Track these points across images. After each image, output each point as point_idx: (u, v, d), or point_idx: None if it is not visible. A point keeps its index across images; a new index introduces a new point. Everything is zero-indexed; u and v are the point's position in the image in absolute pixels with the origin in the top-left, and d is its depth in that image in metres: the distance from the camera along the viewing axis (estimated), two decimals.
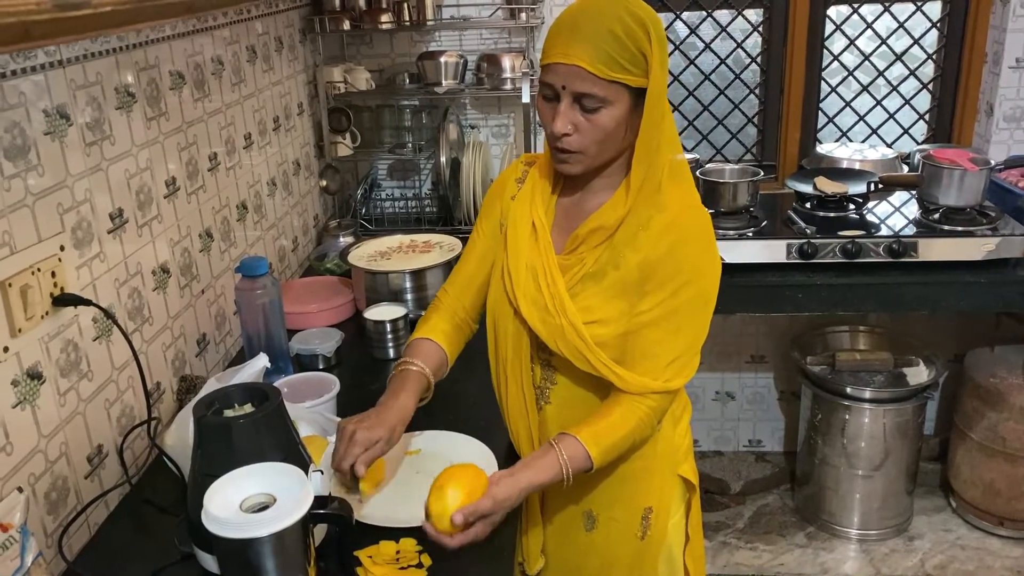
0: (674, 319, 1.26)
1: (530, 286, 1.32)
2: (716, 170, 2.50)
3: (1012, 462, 2.59)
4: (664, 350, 1.26)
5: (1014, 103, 2.69)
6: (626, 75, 1.18)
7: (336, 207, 2.78)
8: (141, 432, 1.47)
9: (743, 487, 3.07)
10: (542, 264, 1.31)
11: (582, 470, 1.24)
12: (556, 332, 1.29)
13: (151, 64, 1.58)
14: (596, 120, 1.20)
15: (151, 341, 1.57)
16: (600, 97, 1.18)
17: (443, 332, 1.44)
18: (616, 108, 1.20)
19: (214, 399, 1.19)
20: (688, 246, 1.26)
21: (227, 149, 1.94)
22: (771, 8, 2.82)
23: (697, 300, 1.27)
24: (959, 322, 2.93)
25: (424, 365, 1.36)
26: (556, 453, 1.22)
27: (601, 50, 1.16)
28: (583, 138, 1.22)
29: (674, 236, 1.25)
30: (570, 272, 1.31)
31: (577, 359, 1.29)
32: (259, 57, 2.15)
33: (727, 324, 3.02)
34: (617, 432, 1.26)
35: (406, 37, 2.71)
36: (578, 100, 1.20)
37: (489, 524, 1.18)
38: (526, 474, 1.22)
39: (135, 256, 1.51)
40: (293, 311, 1.99)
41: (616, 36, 1.16)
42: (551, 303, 1.29)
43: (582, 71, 1.17)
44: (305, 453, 1.23)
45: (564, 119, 1.21)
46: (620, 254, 1.27)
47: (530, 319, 1.31)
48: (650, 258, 1.25)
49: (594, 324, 1.28)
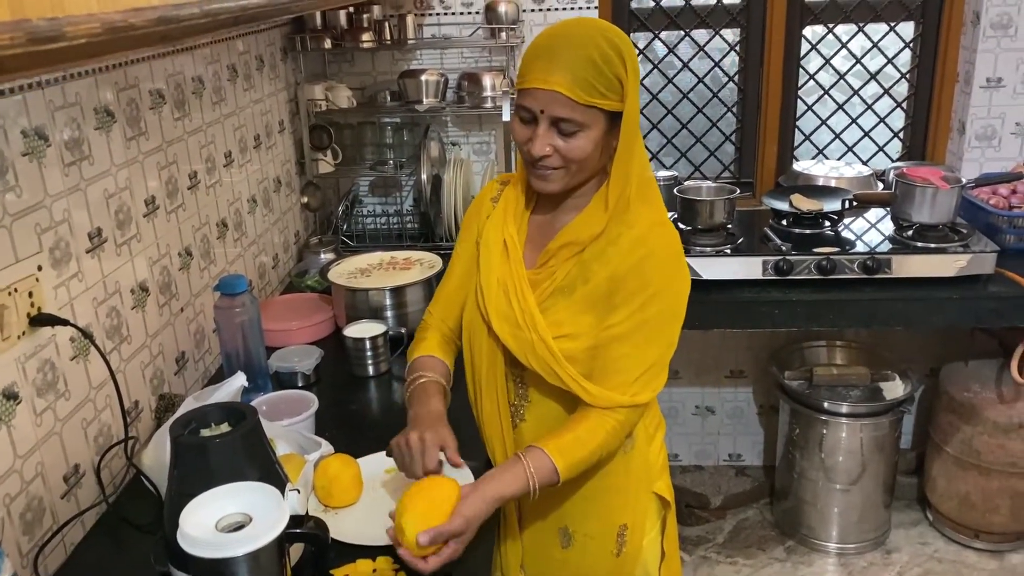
0: (642, 332, 1.28)
1: (501, 301, 1.34)
2: (693, 187, 2.53)
3: (986, 475, 2.62)
4: (632, 364, 1.28)
5: (985, 122, 2.74)
6: (603, 100, 1.21)
7: (317, 224, 2.79)
8: (118, 451, 1.47)
9: (723, 501, 3.09)
10: (512, 280, 1.33)
11: (548, 483, 1.25)
12: (527, 346, 1.31)
13: (131, 84, 1.59)
14: (573, 143, 1.24)
15: (129, 360, 1.57)
16: (578, 121, 1.22)
17: (438, 347, 1.47)
18: (593, 131, 1.23)
19: (191, 418, 1.20)
20: (656, 261, 1.28)
21: (207, 167, 1.94)
22: (748, 28, 2.87)
23: (665, 313, 1.29)
24: (934, 337, 2.97)
25: (437, 376, 1.41)
26: (523, 465, 1.24)
27: (579, 76, 1.19)
28: (562, 160, 1.26)
29: (642, 251, 1.27)
30: (540, 287, 1.33)
31: (547, 373, 1.30)
32: (240, 76, 2.16)
33: (706, 339, 3.04)
34: (585, 446, 1.27)
35: (387, 56, 2.73)
36: (556, 124, 1.23)
37: (462, 543, 1.19)
38: (492, 486, 1.23)
39: (114, 275, 1.52)
40: (273, 328, 2.00)
41: (594, 63, 1.19)
42: (521, 318, 1.31)
43: (561, 96, 1.20)
44: (282, 472, 1.23)
45: (543, 142, 1.24)
46: (589, 268, 1.30)
47: (501, 334, 1.33)
48: (619, 272, 1.27)
49: (564, 338, 1.30)
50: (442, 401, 1.37)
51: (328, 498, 1.39)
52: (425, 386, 1.38)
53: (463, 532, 1.18)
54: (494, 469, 1.28)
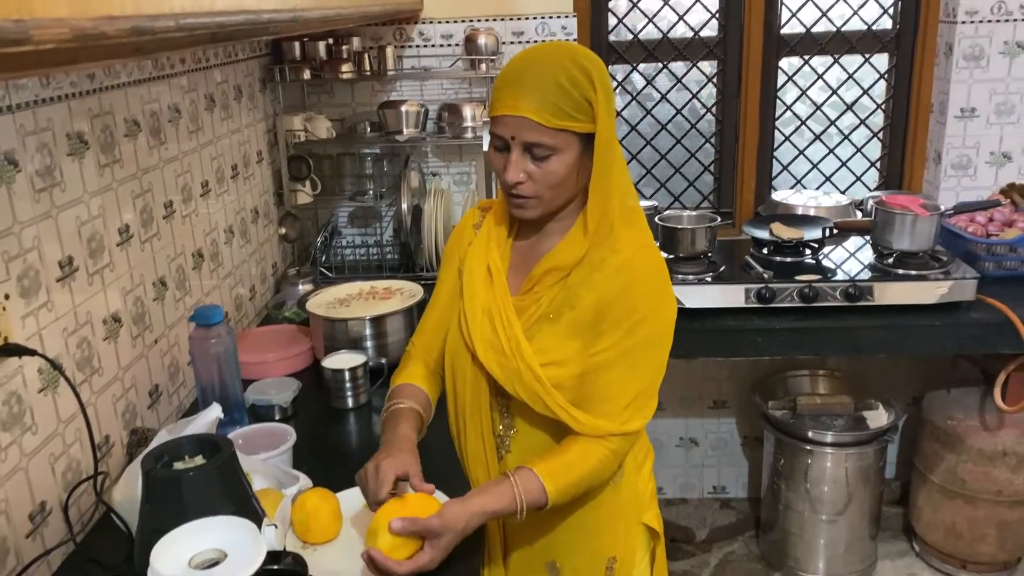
0: (630, 359, 1.26)
1: (486, 329, 1.31)
2: (674, 216, 2.53)
3: (972, 504, 2.61)
4: (621, 391, 1.26)
5: (960, 151, 2.77)
6: (573, 123, 1.20)
7: (295, 255, 2.75)
8: (88, 487, 1.42)
9: (708, 534, 3.05)
10: (498, 307, 1.31)
11: (536, 504, 1.22)
12: (513, 375, 1.28)
13: (105, 111, 1.56)
14: (547, 167, 1.22)
15: (100, 392, 1.52)
16: (549, 145, 1.20)
17: (422, 377, 1.43)
18: (566, 155, 1.22)
19: (163, 451, 1.16)
20: (642, 285, 1.26)
21: (183, 197, 1.91)
22: (724, 60, 2.89)
23: (652, 339, 1.27)
24: (916, 365, 2.97)
25: (414, 404, 1.36)
26: (511, 483, 1.20)
27: (547, 100, 1.18)
28: (536, 185, 1.24)
29: (628, 276, 1.25)
30: (525, 313, 1.31)
31: (535, 402, 1.27)
32: (218, 105, 2.14)
33: (689, 369, 3.03)
34: (575, 471, 1.24)
35: (367, 86, 2.72)
36: (528, 149, 1.22)
37: (440, 549, 1.15)
38: (478, 499, 1.19)
39: (85, 305, 1.48)
40: (250, 360, 1.95)
41: (560, 86, 1.18)
42: (507, 345, 1.28)
43: (529, 122, 1.19)
44: (259, 506, 1.19)
45: (516, 168, 1.23)
46: (575, 294, 1.27)
47: (487, 362, 1.30)
48: (605, 297, 1.25)
49: (551, 365, 1.27)
50: (413, 427, 1.33)
51: (306, 533, 1.34)
52: (398, 412, 1.35)
53: (440, 535, 1.14)
54: (482, 484, 1.25)
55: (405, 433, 1.30)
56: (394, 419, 1.34)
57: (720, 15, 2.85)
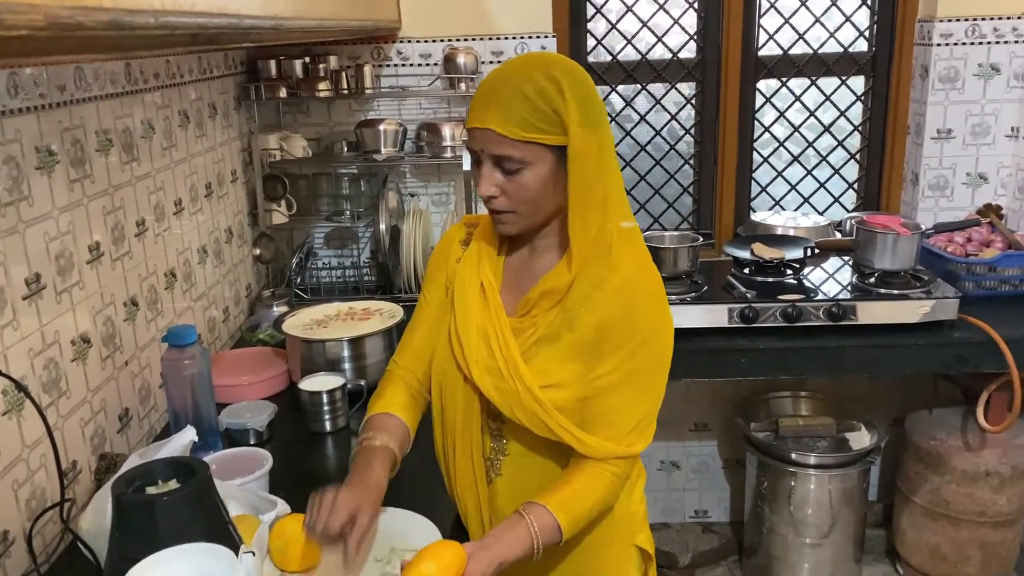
0: (634, 382, 1.23)
1: (481, 350, 1.26)
2: (656, 236, 2.51)
3: (956, 525, 2.59)
4: (625, 416, 1.23)
5: (937, 172, 2.78)
6: (541, 135, 1.16)
7: (270, 276, 2.70)
8: (53, 516, 1.35)
9: (691, 559, 3.00)
10: (494, 327, 1.26)
11: (552, 543, 1.18)
12: (511, 398, 1.23)
13: (76, 124, 1.51)
14: (519, 181, 1.19)
15: (68, 416, 1.46)
16: (517, 159, 1.17)
17: (401, 405, 1.36)
18: (538, 168, 1.18)
19: (135, 475, 1.10)
20: (643, 306, 1.23)
21: (156, 215, 1.86)
22: (703, 82, 2.90)
23: (655, 361, 1.25)
24: (897, 386, 2.97)
25: (388, 440, 1.28)
26: (527, 524, 1.15)
27: (512, 112, 1.15)
28: (510, 200, 1.21)
29: (628, 296, 1.22)
30: (523, 335, 1.26)
31: (535, 425, 1.23)
32: (192, 122, 2.09)
33: (670, 392, 2.92)
34: (585, 501, 1.20)
35: (344, 106, 2.68)
36: (499, 163, 1.19)
37: None
38: (499, 549, 1.13)
39: (52, 324, 1.42)
40: (223, 384, 1.89)
41: (526, 97, 1.15)
42: (504, 367, 1.24)
43: (495, 135, 1.16)
44: (235, 533, 1.14)
45: (487, 182, 1.20)
46: (575, 316, 1.23)
47: (483, 385, 1.25)
48: (605, 319, 1.22)
49: (551, 388, 1.23)
50: (385, 468, 1.24)
51: (285, 562, 1.27)
52: (371, 451, 1.26)
53: None
54: (498, 528, 1.17)
55: (376, 479, 1.22)
56: (366, 457, 1.25)
57: (698, 37, 2.86)
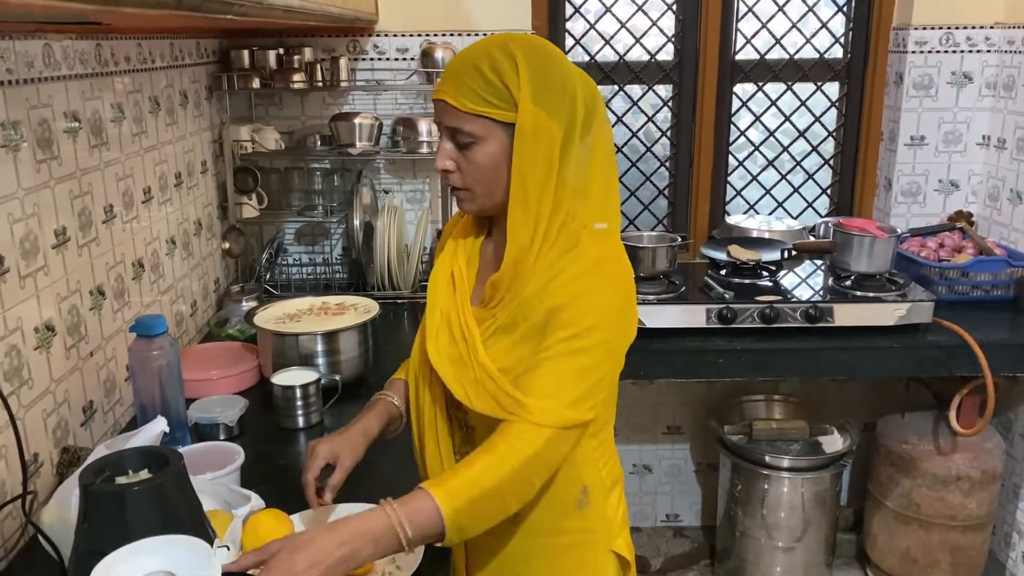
0: (578, 360, 1.13)
1: (443, 338, 1.23)
2: (635, 236, 2.49)
3: (927, 529, 2.60)
4: (563, 388, 1.13)
5: (910, 178, 2.81)
6: (491, 109, 1.13)
7: (239, 271, 2.63)
8: (14, 509, 1.28)
9: (663, 564, 2.98)
10: (457, 315, 1.24)
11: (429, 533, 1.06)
12: (471, 386, 1.19)
13: (44, 103, 1.45)
14: (471, 157, 1.17)
15: (30, 406, 1.39)
16: (468, 132, 1.15)
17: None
18: (489, 144, 1.16)
19: (104, 465, 1.04)
20: (599, 293, 1.16)
21: (124, 202, 1.79)
22: (680, 84, 2.89)
23: (602, 352, 1.16)
24: (869, 390, 2.98)
25: (395, 396, 1.39)
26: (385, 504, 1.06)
27: (464, 84, 1.14)
28: (465, 176, 1.19)
29: (584, 283, 1.15)
30: (483, 324, 1.23)
31: (494, 410, 1.15)
32: (163, 110, 2.03)
33: (643, 395, 2.98)
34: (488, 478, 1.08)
35: (318, 98, 2.63)
36: (453, 136, 1.18)
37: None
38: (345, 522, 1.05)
39: (15, 310, 1.35)
40: (192, 378, 1.83)
41: (479, 70, 1.13)
42: (465, 352, 1.21)
43: (447, 106, 1.16)
44: (209, 527, 1.08)
45: (443, 156, 1.19)
46: (530, 306, 1.18)
47: (443, 374, 1.21)
48: (558, 302, 1.15)
49: (502, 372, 1.18)
50: (380, 420, 1.34)
51: None
52: (374, 403, 1.37)
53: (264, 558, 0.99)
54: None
55: (366, 425, 1.32)
56: (367, 409, 1.36)
57: (676, 39, 2.85)
